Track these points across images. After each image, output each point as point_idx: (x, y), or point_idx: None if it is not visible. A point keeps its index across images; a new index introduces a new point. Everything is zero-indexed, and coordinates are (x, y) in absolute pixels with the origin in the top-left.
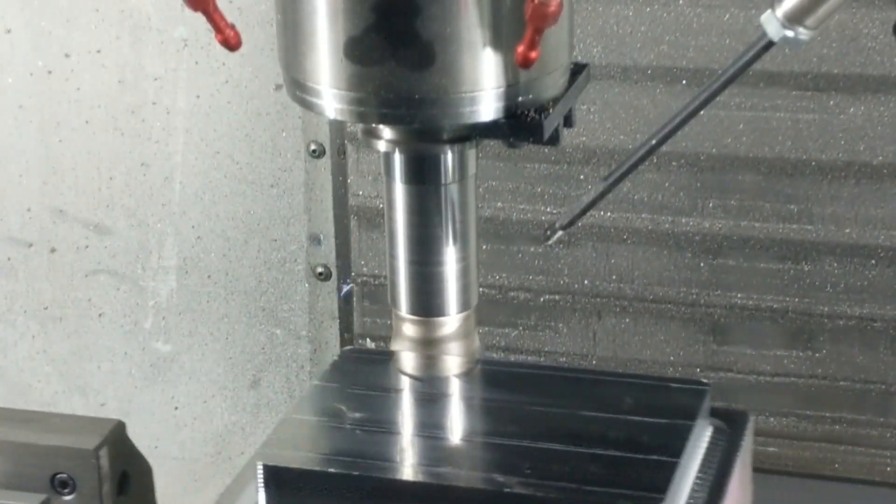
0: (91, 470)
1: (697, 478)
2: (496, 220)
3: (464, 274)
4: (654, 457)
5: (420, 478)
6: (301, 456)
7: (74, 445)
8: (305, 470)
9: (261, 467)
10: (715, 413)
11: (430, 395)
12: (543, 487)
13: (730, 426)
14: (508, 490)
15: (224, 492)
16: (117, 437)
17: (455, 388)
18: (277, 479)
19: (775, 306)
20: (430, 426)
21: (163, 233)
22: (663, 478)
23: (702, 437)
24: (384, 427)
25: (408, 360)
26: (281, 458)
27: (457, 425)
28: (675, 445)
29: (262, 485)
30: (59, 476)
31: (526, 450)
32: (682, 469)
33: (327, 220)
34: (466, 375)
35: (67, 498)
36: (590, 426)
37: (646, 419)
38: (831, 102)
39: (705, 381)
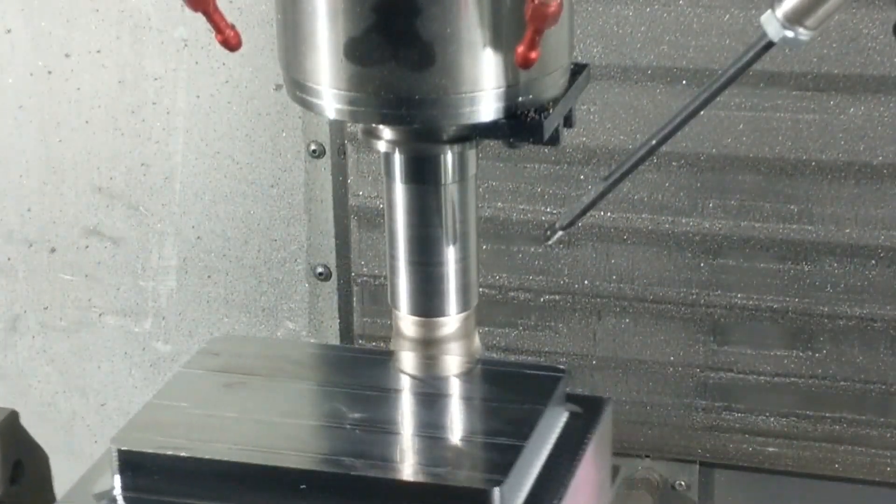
0: None
1: (548, 461)
2: (496, 220)
3: (464, 274)
4: (501, 440)
5: (268, 462)
6: (156, 440)
7: None
8: (158, 454)
9: (115, 452)
10: (574, 399)
11: (282, 380)
12: (389, 470)
13: (587, 412)
14: (355, 474)
15: (79, 480)
16: (9, 427)
17: (307, 374)
18: (132, 463)
19: (775, 306)
20: (271, 411)
21: (163, 233)
22: (507, 461)
23: (556, 422)
24: (243, 413)
25: (407, 361)
26: (136, 442)
27: (300, 411)
28: (523, 429)
29: (118, 470)
30: None
31: (373, 435)
32: (530, 452)
33: (327, 220)
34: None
35: None
36: (443, 412)
37: (497, 404)
38: (831, 103)
39: (562, 366)
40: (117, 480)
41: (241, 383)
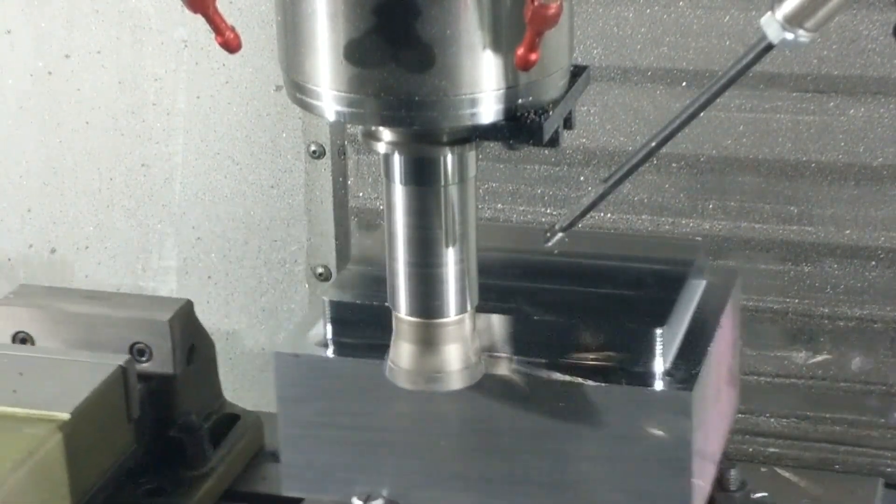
0: (165, 339)
1: (695, 315)
2: (496, 221)
3: (464, 275)
4: (657, 293)
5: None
6: (361, 293)
7: (151, 317)
8: (365, 305)
9: (326, 303)
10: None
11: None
12: (565, 315)
13: (720, 280)
14: (537, 318)
15: (292, 328)
16: (186, 313)
17: (492, 244)
18: (341, 313)
19: (776, 307)
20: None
21: (163, 233)
22: (664, 309)
23: (697, 286)
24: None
25: (407, 361)
26: (344, 295)
27: (494, 272)
28: (674, 284)
29: (329, 319)
30: (137, 345)
31: (549, 291)
32: (681, 305)
33: (327, 221)
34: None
35: (144, 364)
36: (600, 273)
37: (648, 266)
38: (831, 104)
39: (698, 237)
40: (328, 328)
41: None
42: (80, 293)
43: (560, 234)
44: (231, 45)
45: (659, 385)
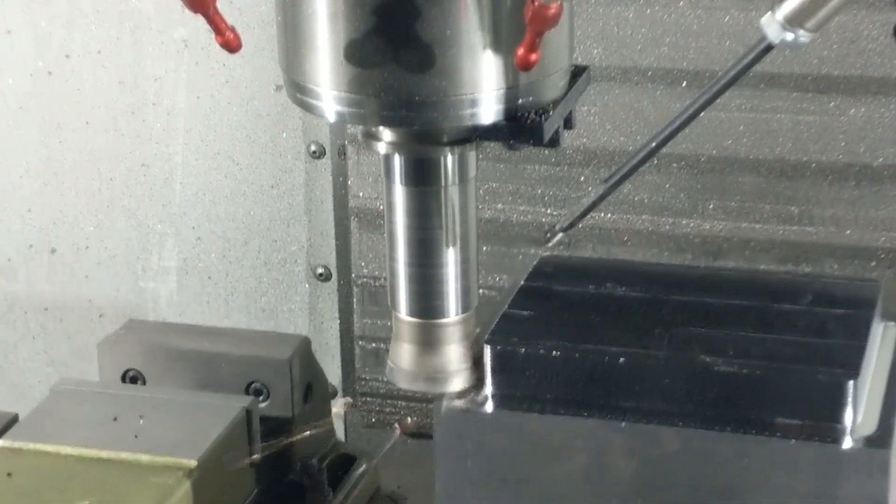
0: (284, 379)
1: (876, 366)
2: (496, 221)
3: (464, 276)
4: (842, 341)
5: (632, 359)
6: (524, 341)
7: (270, 356)
8: (530, 353)
9: (489, 350)
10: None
11: (630, 292)
12: (747, 366)
13: None
14: (717, 368)
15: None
16: (304, 351)
17: (647, 288)
18: (505, 361)
19: None
20: (635, 317)
21: (163, 233)
22: (855, 358)
23: (878, 329)
24: (593, 318)
25: (407, 361)
26: (508, 342)
27: (659, 319)
28: (860, 331)
29: (491, 368)
30: (253, 384)
31: (725, 336)
32: (868, 353)
33: (327, 221)
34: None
35: (262, 405)
36: (778, 317)
37: (828, 310)
38: (831, 104)
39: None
40: (489, 378)
41: (584, 294)
42: (192, 329)
43: (560, 235)
44: (231, 46)
45: (851, 442)
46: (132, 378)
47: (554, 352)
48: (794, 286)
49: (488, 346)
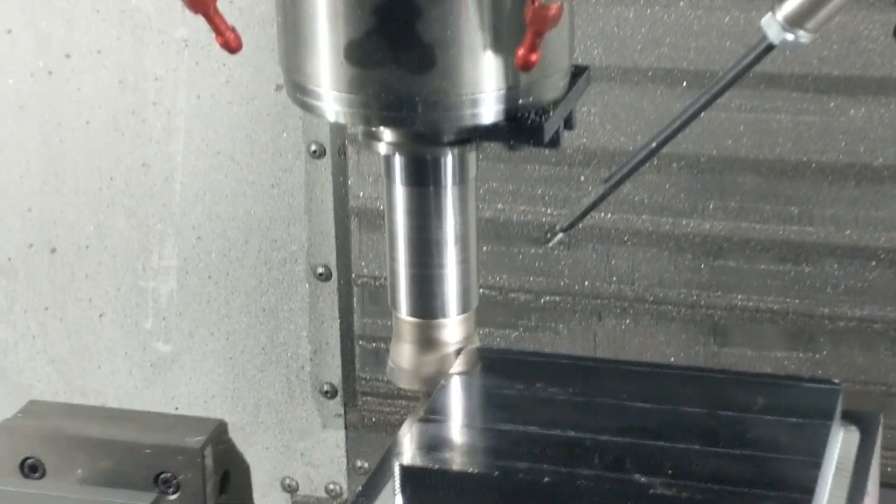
0: (196, 469)
1: (834, 481)
2: (496, 221)
3: (464, 276)
4: (797, 457)
5: (557, 478)
6: (438, 457)
7: (180, 444)
8: (443, 470)
9: (398, 468)
10: (846, 415)
11: (552, 395)
12: (687, 488)
13: (860, 428)
14: (653, 491)
15: (356, 495)
16: (220, 436)
17: (580, 389)
18: (415, 480)
19: (776, 308)
20: (564, 425)
21: (163, 233)
22: (809, 478)
23: (836, 440)
24: (517, 427)
25: (407, 361)
26: (418, 458)
27: (589, 426)
28: (815, 446)
29: (400, 488)
30: (162, 475)
31: (664, 450)
32: (824, 470)
33: (328, 220)
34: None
35: (172, 497)
36: (724, 427)
37: (784, 419)
38: (832, 104)
39: (836, 381)
40: (398, 499)
41: (506, 396)
42: (98, 412)
43: (561, 235)
44: (231, 46)
45: None
46: (31, 466)
47: (470, 469)
48: (746, 388)
49: (396, 463)
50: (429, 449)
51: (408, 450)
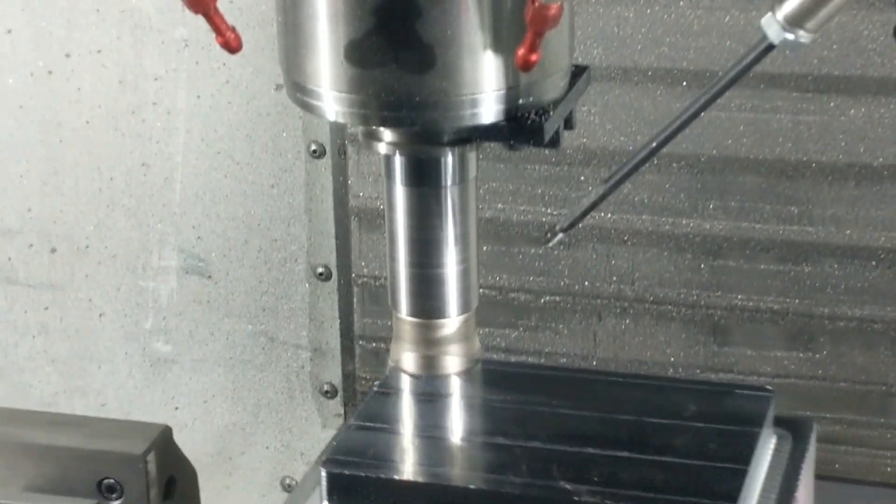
0: (139, 475)
1: (764, 486)
2: (496, 221)
3: (464, 276)
4: (723, 464)
5: (484, 485)
6: (364, 463)
7: (122, 450)
8: (370, 477)
9: (324, 474)
10: (777, 421)
11: (485, 402)
12: (613, 496)
13: (793, 434)
14: (577, 499)
15: (288, 499)
16: (164, 442)
17: (513, 395)
18: (341, 487)
19: (776, 307)
20: (490, 433)
21: (163, 233)
22: (734, 486)
23: (767, 445)
24: (445, 435)
25: (408, 362)
26: (345, 465)
27: (520, 433)
28: (743, 453)
29: (327, 494)
30: (106, 481)
31: (592, 457)
32: (751, 477)
33: (328, 220)
34: (528, 380)
35: (115, 503)
36: (654, 434)
37: (712, 426)
38: (832, 104)
39: (770, 387)
40: None
41: (429, 404)
42: (40, 418)
43: (561, 235)
44: (232, 46)
45: None
46: None
47: (395, 476)
48: (678, 394)
49: (323, 470)
50: (357, 456)
51: (335, 457)
